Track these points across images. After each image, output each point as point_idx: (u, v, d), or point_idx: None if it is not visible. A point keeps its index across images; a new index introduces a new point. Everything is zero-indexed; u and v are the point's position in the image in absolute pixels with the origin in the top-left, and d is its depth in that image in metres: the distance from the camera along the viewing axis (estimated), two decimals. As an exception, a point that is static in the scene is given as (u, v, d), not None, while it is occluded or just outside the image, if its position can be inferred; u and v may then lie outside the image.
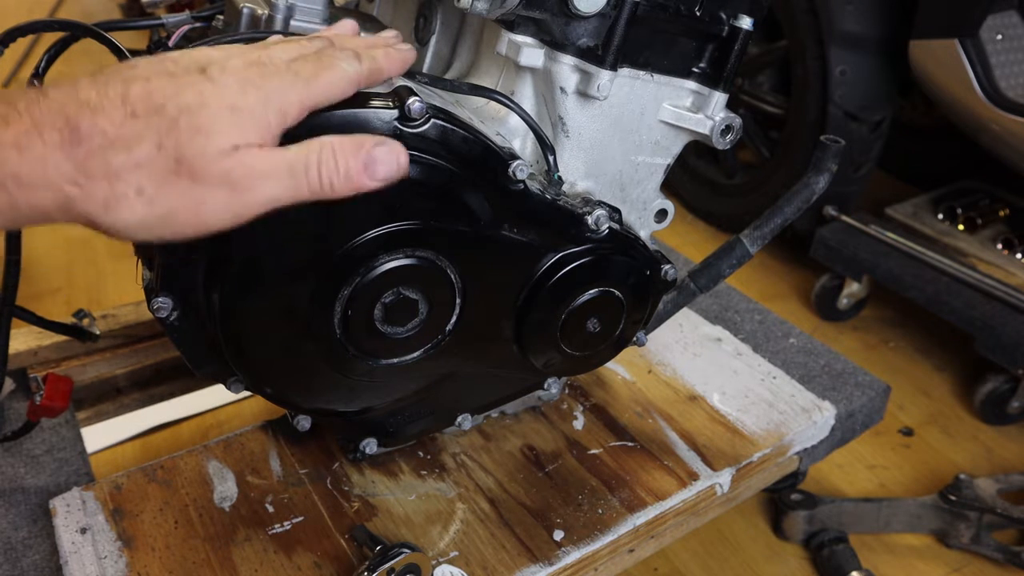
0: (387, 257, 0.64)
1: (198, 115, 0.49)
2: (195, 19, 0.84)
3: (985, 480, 1.30)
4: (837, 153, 0.83)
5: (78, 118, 0.47)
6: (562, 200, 0.73)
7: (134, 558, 0.77)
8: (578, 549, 0.83)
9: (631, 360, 1.10)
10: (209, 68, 0.52)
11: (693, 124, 0.77)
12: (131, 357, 1.13)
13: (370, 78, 0.60)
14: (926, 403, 1.67)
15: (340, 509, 0.85)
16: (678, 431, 0.99)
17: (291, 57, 0.56)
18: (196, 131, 0.49)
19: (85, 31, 0.75)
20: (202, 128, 0.49)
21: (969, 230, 1.81)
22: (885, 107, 1.86)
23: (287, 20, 0.77)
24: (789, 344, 1.19)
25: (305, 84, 0.54)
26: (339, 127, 0.59)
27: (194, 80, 0.51)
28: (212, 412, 1.42)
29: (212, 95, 0.50)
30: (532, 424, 0.98)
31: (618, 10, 0.68)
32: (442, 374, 0.78)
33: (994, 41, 1.63)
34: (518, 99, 0.75)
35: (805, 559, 1.28)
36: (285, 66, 0.54)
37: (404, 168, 0.57)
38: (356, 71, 0.58)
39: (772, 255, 2.11)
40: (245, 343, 0.65)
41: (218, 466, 0.88)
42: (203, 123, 0.49)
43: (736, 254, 0.88)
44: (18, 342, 1.04)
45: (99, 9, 3.53)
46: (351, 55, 0.58)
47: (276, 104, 0.52)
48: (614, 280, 0.78)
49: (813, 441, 1.05)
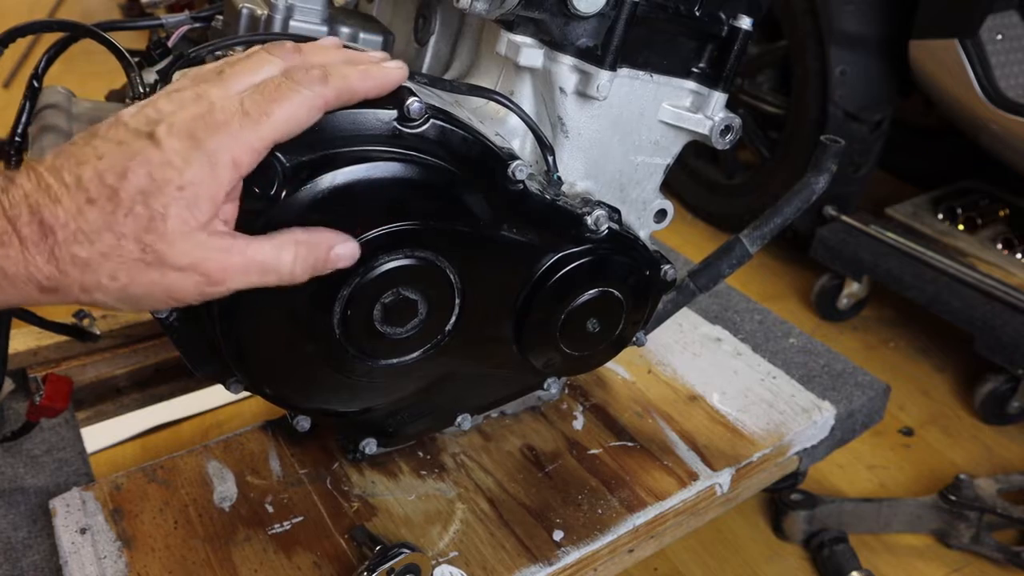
0: (386, 257, 0.64)
1: (150, 200, 0.49)
2: (194, 19, 0.84)
3: (985, 480, 1.30)
4: (837, 153, 0.83)
5: (41, 210, 0.48)
6: (561, 200, 0.73)
7: (134, 558, 0.77)
8: (578, 549, 0.83)
9: (631, 360, 1.10)
10: (156, 130, 0.50)
11: (692, 124, 0.77)
12: (131, 357, 1.12)
13: (339, 99, 0.57)
14: (926, 403, 1.67)
15: (340, 509, 0.85)
16: (678, 431, 0.99)
17: (245, 88, 0.54)
18: (151, 219, 0.49)
19: (85, 31, 0.75)
20: (156, 215, 0.49)
21: (969, 230, 1.81)
22: (885, 107, 1.87)
23: (286, 20, 0.77)
24: (789, 344, 1.19)
25: (255, 126, 0.52)
26: (339, 127, 0.59)
27: (141, 149, 0.50)
28: (212, 412, 1.42)
29: (159, 171, 0.49)
30: (532, 424, 0.98)
31: (617, 10, 0.68)
32: (442, 374, 0.78)
33: (994, 41, 1.63)
34: (517, 99, 0.75)
35: (805, 559, 1.28)
36: (236, 105, 0.52)
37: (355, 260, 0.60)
38: (319, 94, 0.54)
39: (772, 255, 2.11)
40: (244, 343, 0.65)
41: (218, 466, 0.88)
42: (156, 209, 0.49)
43: (736, 254, 0.88)
44: (18, 342, 1.04)
45: (99, 9, 3.54)
46: (316, 77, 0.55)
47: (226, 160, 0.51)
48: (614, 280, 0.78)
49: (813, 441, 1.05)
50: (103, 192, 0.49)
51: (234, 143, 0.51)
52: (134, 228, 0.49)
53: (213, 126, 0.51)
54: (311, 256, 0.57)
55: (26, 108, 0.79)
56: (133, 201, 0.49)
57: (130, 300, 0.52)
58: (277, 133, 0.53)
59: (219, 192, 0.51)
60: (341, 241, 0.59)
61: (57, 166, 0.50)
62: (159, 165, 0.49)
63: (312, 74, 0.55)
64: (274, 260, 0.55)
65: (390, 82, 0.60)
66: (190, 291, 0.52)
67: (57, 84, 0.89)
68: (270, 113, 0.52)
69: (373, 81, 0.59)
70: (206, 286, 0.53)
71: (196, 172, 0.50)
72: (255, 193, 0.56)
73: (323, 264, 0.58)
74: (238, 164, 0.52)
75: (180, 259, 0.51)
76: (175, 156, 0.50)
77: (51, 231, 0.48)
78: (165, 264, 0.50)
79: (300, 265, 0.57)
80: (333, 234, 0.59)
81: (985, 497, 1.27)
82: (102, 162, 0.49)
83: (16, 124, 0.78)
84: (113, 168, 0.49)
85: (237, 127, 0.51)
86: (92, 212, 0.49)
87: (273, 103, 0.53)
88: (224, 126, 0.51)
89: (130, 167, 0.49)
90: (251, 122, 0.52)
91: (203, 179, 0.50)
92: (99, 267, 0.49)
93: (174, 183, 0.49)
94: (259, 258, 0.54)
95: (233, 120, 0.51)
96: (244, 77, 0.55)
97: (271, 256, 0.55)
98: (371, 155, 0.60)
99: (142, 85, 0.70)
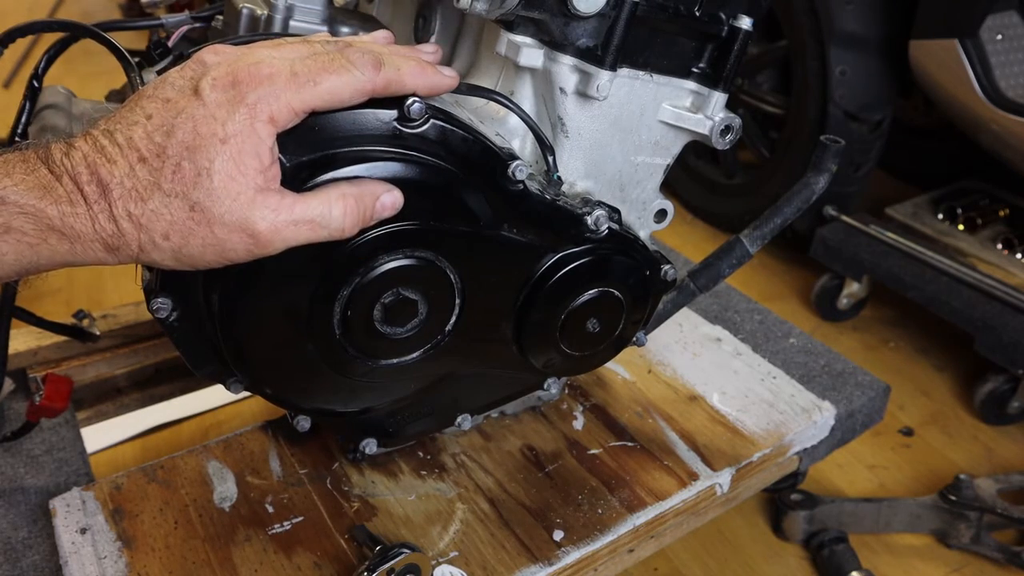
0: (386, 257, 0.64)
1: (196, 156, 0.50)
2: (194, 19, 0.84)
3: (985, 480, 1.30)
4: (837, 153, 0.83)
5: (99, 169, 0.50)
6: (561, 200, 0.73)
7: (134, 558, 0.77)
8: (578, 549, 0.83)
9: (631, 360, 1.10)
10: (201, 83, 0.51)
11: (693, 124, 0.77)
12: (131, 357, 1.13)
13: (387, 88, 0.57)
14: (926, 403, 1.67)
15: (340, 509, 0.85)
16: (678, 431, 0.99)
17: (300, 56, 0.55)
18: (198, 175, 0.50)
19: (85, 31, 0.75)
20: (202, 170, 0.50)
21: (969, 230, 1.81)
22: (885, 107, 1.86)
23: (286, 20, 0.77)
24: (789, 344, 1.19)
25: (299, 87, 0.53)
26: (339, 127, 0.59)
27: (187, 105, 0.51)
28: (212, 412, 1.42)
29: (203, 124, 0.50)
30: (532, 424, 0.98)
31: (617, 10, 0.68)
32: (442, 374, 0.78)
33: (994, 41, 1.63)
34: (517, 99, 0.75)
35: (805, 559, 1.28)
36: (286, 65, 0.53)
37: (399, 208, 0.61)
38: (368, 79, 0.55)
39: (772, 255, 2.11)
40: (245, 343, 0.65)
41: (218, 466, 0.88)
42: (202, 164, 0.50)
43: (736, 254, 0.88)
44: (18, 342, 1.04)
45: (99, 9, 3.54)
46: (369, 61, 0.55)
47: (264, 114, 0.52)
48: (614, 280, 0.78)
49: (813, 441, 1.05)
50: (152, 150, 0.50)
51: (274, 99, 0.52)
52: (181, 186, 0.50)
53: (258, 78, 0.52)
54: (359, 207, 0.57)
55: (26, 108, 0.79)
56: (180, 157, 0.50)
57: (185, 259, 0.52)
58: (318, 100, 0.54)
59: (262, 147, 0.52)
60: (386, 190, 0.59)
61: (111, 129, 0.51)
62: (203, 119, 0.50)
63: (366, 58, 0.55)
64: (324, 215, 0.55)
65: (439, 86, 0.61)
66: (240, 251, 0.53)
67: (57, 84, 0.89)
68: (317, 81, 0.53)
69: (425, 80, 0.59)
70: (256, 247, 0.53)
71: (238, 124, 0.51)
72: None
73: (370, 214, 0.58)
74: (275, 120, 0.52)
75: (227, 217, 0.51)
76: (217, 108, 0.51)
77: (108, 189, 0.49)
78: (214, 223, 0.51)
79: (350, 218, 0.57)
80: (376, 183, 0.59)
81: (985, 497, 1.27)
82: (151, 121, 0.50)
83: (16, 124, 0.78)
84: (162, 126, 0.50)
85: (282, 84, 0.52)
86: (143, 170, 0.50)
87: (323, 71, 0.54)
88: (268, 80, 0.52)
89: (176, 123, 0.50)
90: (297, 83, 0.53)
91: (245, 132, 0.51)
92: (152, 226, 0.50)
93: (217, 136, 0.50)
94: (309, 215, 0.54)
95: (279, 76, 0.52)
96: (300, 47, 0.56)
97: (320, 211, 0.55)
98: (371, 155, 0.60)
99: (142, 85, 0.70)
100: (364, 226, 0.59)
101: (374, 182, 0.59)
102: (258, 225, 0.52)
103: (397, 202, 0.60)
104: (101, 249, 0.51)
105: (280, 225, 0.53)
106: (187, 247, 0.51)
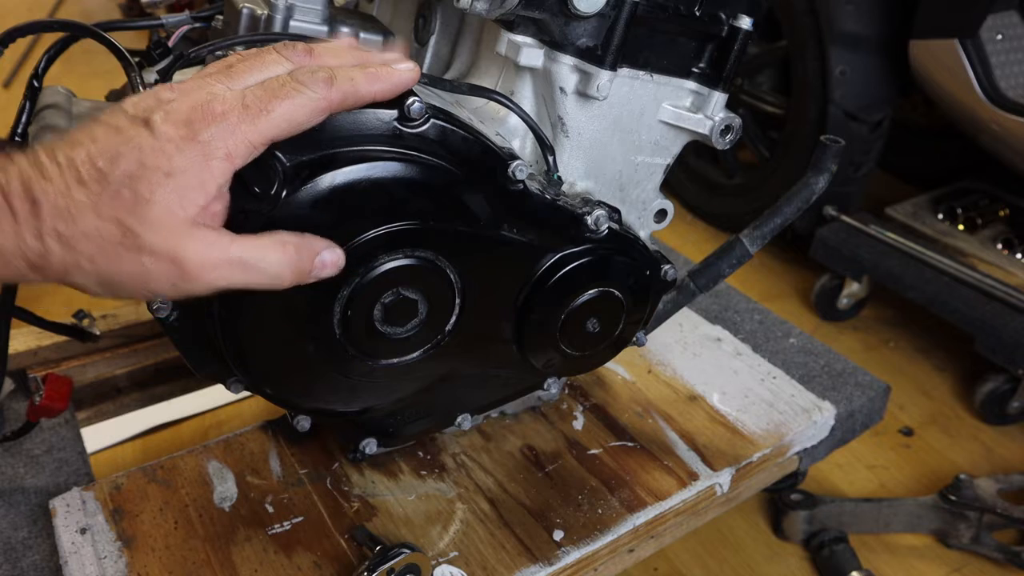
0: (386, 257, 0.64)
1: (137, 184, 0.49)
2: (194, 19, 0.84)
3: (985, 480, 1.30)
4: (837, 153, 0.83)
5: (32, 185, 0.49)
6: (561, 200, 0.73)
7: (134, 558, 0.77)
8: (578, 549, 0.83)
9: (631, 360, 1.10)
10: (153, 117, 0.51)
11: (693, 124, 0.77)
12: (131, 357, 1.13)
13: (344, 103, 0.56)
14: (926, 403, 1.67)
15: (340, 509, 0.85)
16: (678, 431, 0.99)
17: (250, 83, 0.54)
18: (135, 202, 0.49)
19: (85, 31, 0.75)
20: (140, 199, 0.49)
21: (969, 230, 1.81)
22: (885, 107, 1.86)
23: (286, 20, 0.77)
24: (789, 344, 1.19)
25: (252, 119, 0.52)
26: (339, 127, 0.59)
27: (135, 135, 0.50)
28: (212, 412, 1.42)
29: (150, 156, 0.49)
30: (532, 424, 0.98)
31: (618, 10, 0.68)
32: (442, 374, 0.78)
33: (994, 41, 1.63)
34: (518, 99, 0.75)
35: (805, 559, 1.28)
36: (238, 99, 0.52)
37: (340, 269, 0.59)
38: (322, 96, 0.54)
39: (772, 255, 2.11)
40: (244, 343, 0.65)
41: (218, 466, 0.88)
42: (142, 193, 0.49)
43: (736, 254, 0.88)
44: (18, 342, 1.04)
45: (99, 9, 3.53)
46: (321, 79, 0.54)
47: (220, 151, 0.51)
48: (614, 280, 0.78)
49: (813, 441, 1.05)
50: (92, 174, 0.49)
51: (230, 135, 0.51)
52: (117, 210, 0.49)
53: (211, 116, 0.51)
54: (297, 259, 0.56)
55: (26, 108, 0.79)
56: (120, 184, 0.49)
57: (108, 285, 0.52)
58: (275, 130, 0.53)
59: (210, 183, 0.51)
60: (327, 247, 0.58)
61: (54, 147, 0.50)
62: (150, 151, 0.49)
63: (318, 76, 0.54)
64: (258, 259, 0.54)
65: (399, 84, 0.59)
66: (163, 282, 0.52)
67: (57, 84, 0.89)
68: (270, 110, 0.52)
69: (381, 84, 0.58)
70: (181, 280, 0.52)
71: (187, 160, 0.50)
72: (255, 193, 0.56)
73: (308, 269, 0.57)
74: (232, 157, 0.51)
75: (157, 246, 0.50)
76: (167, 143, 0.50)
77: (39, 206, 0.48)
78: (142, 249, 0.50)
79: (287, 267, 0.56)
80: (319, 240, 0.58)
81: (985, 497, 1.27)
82: (95, 145, 0.50)
83: (16, 124, 0.78)
84: (105, 151, 0.49)
85: (235, 119, 0.51)
86: (79, 192, 0.49)
87: (274, 100, 0.52)
88: (222, 117, 0.51)
89: (122, 152, 0.49)
90: (250, 116, 0.51)
91: (194, 168, 0.50)
92: (79, 247, 0.49)
93: (162, 169, 0.49)
94: (241, 256, 0.53)
95: (232, 112, 0.51)
96: (251, 74, 0.55)
97: (255, 255, 0.54)
98: (371, 155, 0.60)
99: (142, 85, 0.70)
100: (302, 281, 0.57)
101: (318, 239, 0.58)
102: (188, 256, 0.51)
103: (339, 261, 0.59)
104: (25, 267, 0.50)
105: (210, 261, 0.52)
106: (112, 273, 0.51)
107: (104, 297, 0.53)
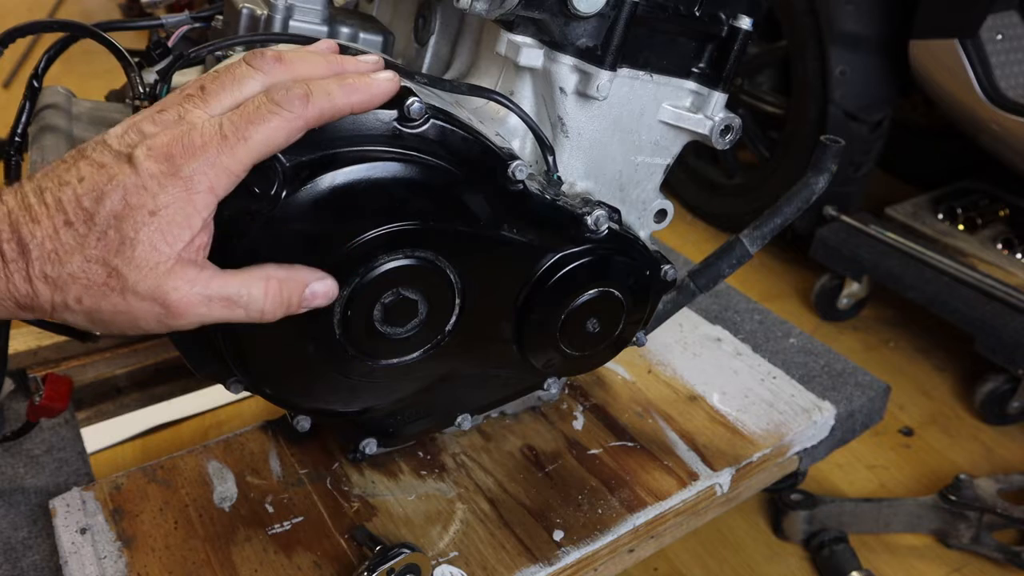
0: (386, 257, 0.64)
1: (122, 225, 0.49)
2: (194, 19, 0.84)
3: (985, 480, 1.30)
4: (837, 153, 0.83)
5: (20, 228, 0.49)
6: (561, 200, 0.73)
7: (134, 558, 0.77)
8: (578, 549, 0.83)
9: (631, 360, 1.10)
10: (135, 153, 0.50)
11: (692, 124, 0.77)
12: (131, 357, 1.12)
13: (321, 118, 0.55)
14: (926, 403, 1.67)
15: (340, 509, 0.85)
16: (678, 431, 0.99)
17: (226, 105, 0.53)
18: (121, 243, 0.49)
19: (85, 31, 0.75)
20: (126, 239, 0.49)
21: (969, 230, 1.81)
22: (885, 107, 1.87)
23: (286, 20, 0.77)
24: (789, 344, 1.19)
25: (231, 148, 0.51)
26: (339, 127, 0.59)
27: (119, 173, 0.50)
28: (212, 412, 1.42)
29: (134, 195, 0.49)
30: (532, 424, 0.98)
31: (617, 10, 0.68)
32: (442, 374, 0.78)
33: (994, 41, 1.63)
34: (517, 99, 0.75)
35: (805, 559, 1.28)
36: (215, 128, 0.52)
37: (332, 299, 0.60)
38: (299, 115, 0.53)
39: (772, 255, 2.11)
40: (244, 343, 0.65)
41: (218, 466, 0.88)
42: (127, 234, 0.49)
43: (736, 254, 0.88)
44: (18, 342, 1.04)
45: (99, 9, 3.54)
46: (297, 96, 0.53)
47: (203, 185, 0.51)
48: (614, 280, 0.78)
49: (813, 441, 1.05)
50: (80, 215, 0.49)
51: (210, 168, 0.51)
52: (104, 252, 0.49)
53: (191, 150, 0.51)
54: (284, 293, 0.56)
55: (26, 108, 0.79)
56: (107, 225, 0.49)
57: (98, 323, 0.52)
58: (254, 155, 0.53)
59: (195, 218, 0.51)
60: (317, 278, 0.58)
61: (41, 186, 0.50)
62: (134, 189, 0.49)
63: (293, 94, 0.53)
64: (241, 294, 0.54)
65: (378, 95, 0.58)
66: (151, 321, 0.52)
67: (57, 84, 0.89)
68: (247, 137, 0.52)
69: (359, 95, 0.57)
70: (167, 318, 0.52)
71: (170, 197, 0.50)
72: (255, 193, 0.56)
73: (297, 302, 0.57)
74: (214, 189, 0.51)
75: (141, 286, 0.50)
76: (150, 180, 0.50)
77: (27, 250, 0.49)
78: (127, 291, 0.50)
79: (271, 302, 0.56)
80: (308, 271, 0.58)
81: (985, 497, 1.27)
82: (82, 185, 0.50)
83: (16, 124, 0.78)
84: (91, 192, 0.50)
85: (215, 151, 0.51)
86: (67, 234, 0.49)
87: (251, 125, 0.52)
88: (202, 150, 0.51)
89: (106, 191, 0.49)
90: (228, 146, 0.51)
91: (178, 204, 0.50)
92: (67, 288, 0.50)
93: (146, 208, 0.49)
94: (225, 292, 0.53)
95: (211, 143, 0.51)
96: (226, 92, 0.54)
97: (238, 290, 0.54)
98: (371, 155, 0.60)
99: (142, 85, 0.70)
100: (290, 313, 0.57)
101: (307, 270, 0.58)
102: (170, 296, 0.51)
103: (330, 292, 0.59)
104: (14, 307, 0.51)
105: (194, 298, 0.52)
106: (100, 312, 0.51)
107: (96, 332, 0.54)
